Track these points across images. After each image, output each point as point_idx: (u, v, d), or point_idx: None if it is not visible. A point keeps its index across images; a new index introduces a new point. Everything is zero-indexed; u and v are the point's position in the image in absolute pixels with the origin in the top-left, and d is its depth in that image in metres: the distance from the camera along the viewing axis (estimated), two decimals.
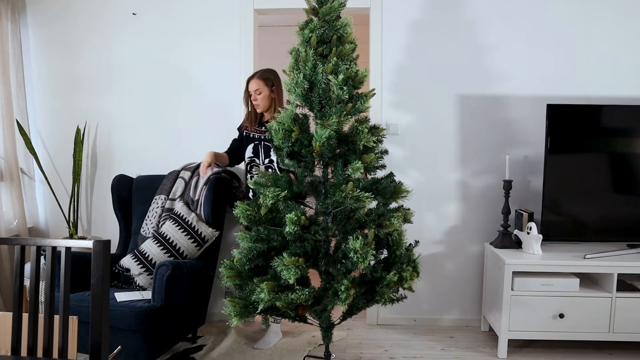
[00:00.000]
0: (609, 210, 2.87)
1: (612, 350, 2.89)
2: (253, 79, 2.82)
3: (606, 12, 3.08)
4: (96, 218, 3.41)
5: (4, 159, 3.15)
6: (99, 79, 3.31)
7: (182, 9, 3.24)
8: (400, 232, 2.25)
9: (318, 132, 2.04)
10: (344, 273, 2.09)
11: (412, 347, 2.93)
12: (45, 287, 1.58)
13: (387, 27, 3.16)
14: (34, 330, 1.58)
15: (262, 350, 2.86)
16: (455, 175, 3.22)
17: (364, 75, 2.14)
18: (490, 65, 3.15)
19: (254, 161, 2.90)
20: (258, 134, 2.89)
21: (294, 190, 2.16)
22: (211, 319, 3.32)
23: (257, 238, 2.15)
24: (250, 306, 2.09)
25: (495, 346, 2.92)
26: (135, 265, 2.77)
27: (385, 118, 3.19)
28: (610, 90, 3.12)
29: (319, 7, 2.18)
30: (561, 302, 2.71)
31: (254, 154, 2.90)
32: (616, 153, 2.84)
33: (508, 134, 3.17)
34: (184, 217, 2.86)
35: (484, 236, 3.23)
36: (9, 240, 1.65)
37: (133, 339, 2.44)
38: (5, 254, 3.12)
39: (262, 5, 3.19)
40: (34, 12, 3.31)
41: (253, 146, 2.90)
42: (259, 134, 2.89)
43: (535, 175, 3.17)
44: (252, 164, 2.91)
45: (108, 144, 3.35)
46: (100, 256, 1.50)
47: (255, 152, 2.90)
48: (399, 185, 2.26)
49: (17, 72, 3.23)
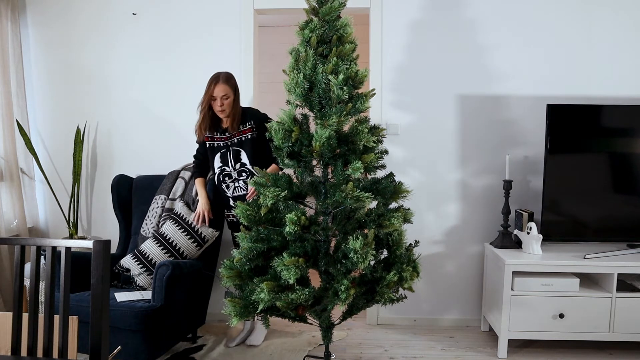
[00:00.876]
0: (609, 210, 2.87)
1: (612, 350, 2.89)
2: (219, 83, 2.64)
3: (606, 12, 3.08)
4: (96, 218, 3.41)
5: (4, 159, 3.15)
6: (99, 79, 3.31)
7: (182, 9, 3.24)
8: (400, 232, 2.25)
9: (318, 132, 2.04)
10: (344, 273, 2.09)
11: (412, 347, 2.93)
12: (45, 287, 1.58)
13: (387, 27, 3.16)
14: (34, 330, 1.58)
15: (262, 350, 2.86)
16: (455, 175, 3.22)
17: (364, 75, 2.14)
18: (490, 65, 3.15)
19: (224, 170, 2.78)
20: (223, 142, 2.77)
21: (294, 190, 2.16)
22: (211, 319, 3.32)
23: (257, 238, 2.15)
24: (250, 306, 2.09)
25: (495, 346, 2.92)
26: (135, 265, 2.77)
27: (385, 118, 3.19)
28: (610, 90, 3.12)
29: (319, 7, 2.19)
30: (561, 302, 2.71)
31: (223, 162, 2.78)
32: (616, 153, 2.84)
33: (508, 134, 3.17)
34: (184, 217, 2.86)
35: (484, 236, 3.23)
36: (9, 240, 1.64)
37: (133, 339, 2.44)
38: (5, 254, 3.12)
39: (262, 5, 3.19)
40: (34, 12, 3.31)
41: (220, 155, 2.78)
42: (224, 141, 2.77)
43: (535, 175, 3.17)
44: (223, 173, 2.79)
45: (108, 144, 3.35)
46: (100, 256, 1.50)
47: (224, 161, 2.78)
48: (399, 185, 2.26)
49: (17, 72, 3.23)
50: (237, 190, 2.79)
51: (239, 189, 2.78)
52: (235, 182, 2.78)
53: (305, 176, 2.21)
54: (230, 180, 2.78)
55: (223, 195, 2.85)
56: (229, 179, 2.78)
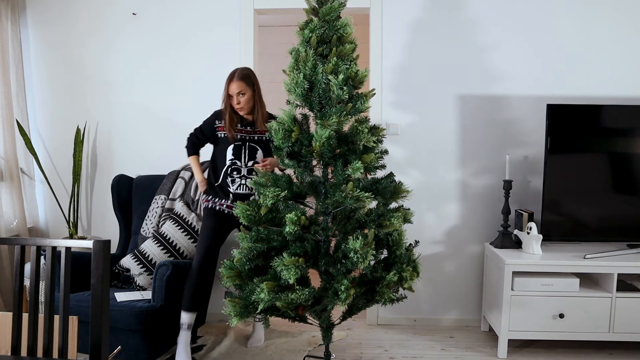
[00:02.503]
0: (609, 210, 2.87)
1: (612, 350, 2.89)
2: (233, 80, 2.60)
3: (606, 12, 3.08)
4: (96, 218, 3.41)
5: (4, 159, 3.15)
6: (99, 79, 3.31)
7: (182, 9, 3.24)
8: (400, 232, 2.25)
9: (318, 132, 2.04)
10: (344, 273, 2.09)
11: (412, 347, 2.93)
12: (45, 287, 1.58)
13: (387, 27, 3.16)
14: (34, 330, 1.58)
15: (262, 350, 2.86)
16: (455, 175, 3.22)
17: (364, 75, 2.14)
18: (490, 65, 3.15)
19: (235, 164, 2.67)
20: (243, 134, 2.68)
21: (294, 190, 2.16)
22: (211, 319, 3.32)
23: (257, 238, 2.15)
24: (250, 306, 2.09)
25: (495, 346, 2.92)
26: (135, 265, 2.77)
27: (385, 118, 3.19)
28: (610, 90, 3.12)
29: (319, 7, 2.19)
30: (561, 302, 2.71)
31: (235, 156, 2.67)
32: (616, 153, 2.84)
33: (508, 134, 3.17)
34: (184, 217, 2.86)
35: (484, 236, 3.23)
36: (9, 240, 1.65)
37: (133, 339, 2.44)
38: (5, 254, 3.12)
39: (262, 5, 3.19)
40: (34, 12, 3.31)
41: (234, 147, 2.67)
42: (244, 134, 2.68)
43: (535, 175, 3.17)
44: (233, 166, 2.68)
45: (108, 144, 3.35)
46: (100, 256, 1.50)
47: (236, 154, 2.67)
48: (399, 185, 2.26)
49: (17, 72, 3.23)
50: (241, 188, 2.68)
51: (244, 186, 2.68)
52: (243, 179, 2.68)
53: (305, 176, 2.21)
54: (238, 175, 2.68)
55: (225, 188, 2.70)
56: (236, 174, 2.68)
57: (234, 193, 2.67)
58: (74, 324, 1.61)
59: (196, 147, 2.81)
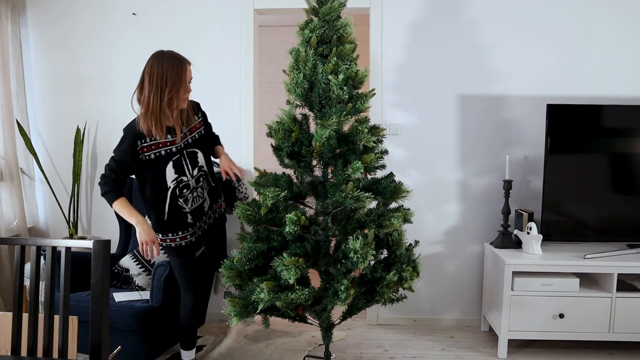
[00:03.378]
0: (609, 210, 2.87)
1: (612, 350, 2.89)
2: (188, 63, 2.23)
3: (606, 12, 3.08)
4: (96, 218, 3.41)
5: (4, 159, 3.15)
6: (99, 79, 3.31)
7: (182, 9, 3.24)
8: (400, 232, 2.25)
9: (318, 132, 2.04)
10: (344, 273, 2.09)
11: (412, 347, 2.93)
12: (45, 287, 1.58)
13: (387, 27, 3.16)
14: (34, 330, 1.58)
15: (262, 350, 2.86)
16: (455, 175, 3.22)
17: (364, 75, 2.14)
18: (490, 65, 3.15)
19: (182, 182, 2.26)
20: (175, 146, 2.24)
21: (294, 190, 2.16)
22: (211, 319, 3.31)
23: (257, 238, 2.15)
24: (250, 306, 2.09)
25: (495, 346, 2.92)
26: (134, 265, 2.77)
27: (385, 118, 3.19)
28: (610, 90, 3.12)
29: (319, 7, 2.19)
30: (561, 302, 2.71)
31: (179, 172, 2.25)
32: (616, 153, 2.84)
33: (508, 134, 3.17)
34: None
35: (484, 236, 3.23)
36: (9, 240, 1.65)
37: (131, 339, 2.44)
38: (5, 254, 3.12)
39: (262, 5, 3.19)
40: (34, 12, 3.31)
41: (174, 164, 2.23)
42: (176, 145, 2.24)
43: (535, 175, 3.17)
44: (180, 185, 2.26)
45: (108, 144, 3.34)
46: (100, 256, 1.50)
47: (179, 170, 2.25)
48: (399, 185, 2.26)
49: (17, 72, 3.23)
50: (196, 201, 2.32)
51: (198, 198, 2.32)
52: (194, 191, 2.30)
53: (305, 176, 2.21)
54: (188, 191, 2.28)
55: (178, 213, 2.29)
56: (187, 191, 2.27)
57: (190, 211, 2.32)
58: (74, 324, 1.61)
59: (118, 186, 2.20)
